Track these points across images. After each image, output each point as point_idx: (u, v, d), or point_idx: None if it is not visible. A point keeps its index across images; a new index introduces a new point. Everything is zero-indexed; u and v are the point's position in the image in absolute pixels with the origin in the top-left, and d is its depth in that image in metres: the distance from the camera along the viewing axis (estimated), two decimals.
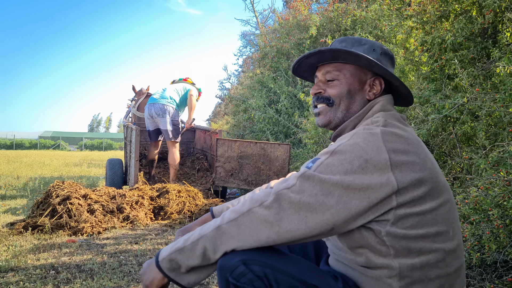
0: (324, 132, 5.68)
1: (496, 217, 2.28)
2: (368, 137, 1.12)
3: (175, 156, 6.03)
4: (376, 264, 1.12)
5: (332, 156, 1.12)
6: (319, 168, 1.11)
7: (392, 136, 1.13)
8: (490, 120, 2.90)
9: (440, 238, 1.12)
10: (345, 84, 1.31)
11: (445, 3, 3.60)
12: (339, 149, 1.12)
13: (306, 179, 1.09)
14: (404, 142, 1.13)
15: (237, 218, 1.12)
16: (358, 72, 1.31)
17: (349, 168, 1.07)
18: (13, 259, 3.01)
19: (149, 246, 3.47)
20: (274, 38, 10.02)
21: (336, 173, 1.08)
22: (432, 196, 1.11)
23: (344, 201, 1.06)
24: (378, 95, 1.32)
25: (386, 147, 1.10)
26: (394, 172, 1.07)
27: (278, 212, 1.08)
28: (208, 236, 1.13)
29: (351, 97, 1.31)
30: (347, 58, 1.30)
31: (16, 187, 7.62)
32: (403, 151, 1.11)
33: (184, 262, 1.14)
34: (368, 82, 1.32)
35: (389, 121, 1.21)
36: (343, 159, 1.09)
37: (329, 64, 1.34)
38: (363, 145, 1.10)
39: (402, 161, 1.09)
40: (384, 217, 1.08)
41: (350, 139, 1.14)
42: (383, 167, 1.07)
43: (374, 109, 1.29)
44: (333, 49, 1.27)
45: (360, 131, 1.16)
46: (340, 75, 1.32)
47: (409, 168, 1.09)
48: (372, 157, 1.08)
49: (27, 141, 44.97)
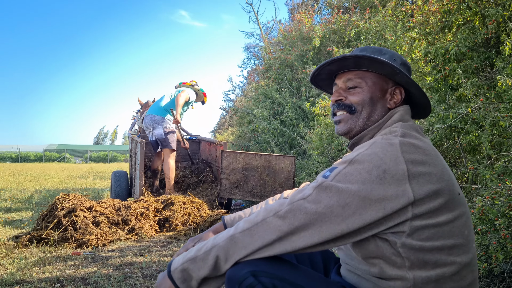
0: (329, 143, 5.68)
1: (502, 227, 2.27)
2: (387, 147, 1.11)
3: (169, 165, 5.97)
4: (391, 275, 1.11)
5: (350, 165, 1.11)
6: (337, 177, 1.10)
7: (410, 146, 1.13)
8: (494, 130, 2.89)
9: (455, 251, 1.11)
10: (367, 92, 1.30)
11: (448, 14, 3.62)
12: (358, 158, 1.11)
13: (323, 189, 1.09)
14: (422, 153, 1.13)
15: (250, 227, 1.12)
16: (380, 80, 1.31)
17: (367, 178, 1.07)
18: (18, 272, 3.01)
19: (154, 258, 3.46)
20: (278, 50, 10.09)
21: (354, 183, 1.07)
22: (448, 208, 1.10)
23: (360, 212, 1.05)
24: (398, 105, 1.32)
25: (404, 157, 1.09)
26: (411, 183, 1.06)
27: (292, 222, 1.08)
28: (221, 245, 1.13)
29: (373, 105, 1.30)
30: (370, 65, 1.29)
31: (21, 199, 7.65)
32: (421, 162, 1.10)
33: (195, 272, 1.13)
34: (389, 91, 1.31)
35: (407, 132, 1.20)
36: (362, 168, 1.09)
37: (350, 72, 1.33)
38: (381, 155, 1.09)
39: (419, 172, 1.08)
40: (399, 228, 1.08)
41: (368, 148, 1.13)
42: (400, 177, 1.06)
43: (393, 118, 1.28)
44: (358, 55, 1.26)
45: (378, 141, 1.15)
46: (362, 83, 1.31)
47: (426, 180, 1.08)
48: (390, 168, 1.07)
49: (32, 154, 45.21)
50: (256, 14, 20.92)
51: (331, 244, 1.09)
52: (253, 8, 20.89)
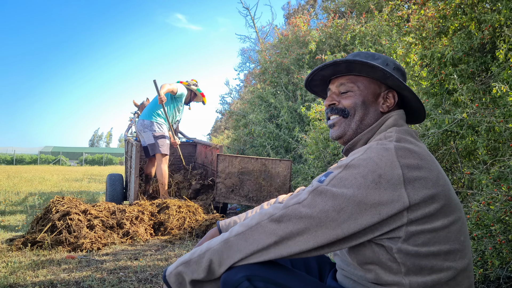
0: (325, 148, 5.68)
1: (498, 233, 2.27)
2: (382, 152, 1.12)
3: (161, 171, 5.90)
4: (387, 281, 1.11)
5: (345, 170, 1.11)
6: (332, 182, 1.10)
7: (405, 151, 1.13)
8: (490, 135, 2.90)
9: (451, 256, 1.10)
10: (359, 96, 1.31)
11: (444, 19, 3.63)
12: (353, 163, 1.11)
13: (318, 194, 1.09)
14: (418, 157, 1.13)
15: (245, 231, 1.11)
16: (372, 85, 1.32)
17: (363, 182, 1.07)
18: (11, 276, 2.99)
19: (149, 262, 3.44)
20: (274, 54, 10.11)
21: (349, 187, 1.07)
22: (444, 213, 1.10)
23: (355, 217, 1.05)
24: (392, 109, 1.32)
25: (400, 162, 1.09)
26: (406, 188, 1.06)
27: (287, 226, 1.07)
28: (215, 249, 1.12)
29: (366, 108, 1.31)
30: (361, 70, 1.30)
31: (16, 202, 7.60)
32: (416, 167, 1.10)
33: (188, 275, 1.13)
34: (382, 95, 1.32)
35: (402, 137, 1.20)
36: (357, 173, 1.09)
37: (343, 77, 1.35)
38: (377, 160, 1.09)
39: (415, 177, 1.08)
40: (395, 233, 1.07)
41: (363, 153, 1.13)
42: (396, 182, 1.06)
43: (387, 123, 1.28)
44: (349, 60, 1.28)
45: (373, 146, 1.15)
46: (354, 87, 1.32)
47: (421, 184, 1.08)
48: (385, 172, 1.07)
49: (27, 156, 44.98)
50: (253, 18, 20.94)
51: (326, 249, 1.09)
52: (250, 12, 20.91)
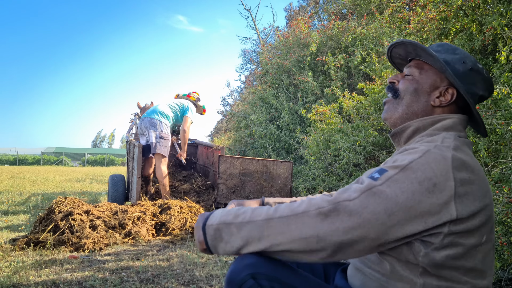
0: (326, 149, 5.68)
1: (500, 235, 2.27)
2: (440, 160, 1.07)
3: (161, 171, 5.91)
4: (401, 276, 1.09)
5: (403, 172, 1.06)
6: (387, 183, 1.05)
7: (461, 163, 1.09)
8: (491, 137, 2.91)
9: (471, 274, 1.08)
10: (415, 82, 1.30)
11: (445, 21, 3.64)
12: (412, 166, 1.07)
13: (372, 194, 1.04)
14: (471, 171, 1.09)
15: (289, 216, 1.06)
16: (435, 76, 1.29)
17: (418, 189, 1.03)
18: (14, 275, 3.00)
19: (151, 263, 3.45)
20: (275, 56, 10.12)
21: (404, 191, 1.03)
22: (480, 232, 1.08)
23: (402, 223, 1.02)
24: (445, 105, 1.27)
25: (454, 174, 1.05)
26: (456, 202, 1.03)
27: (333, 222, 1.03)
28: (257, 224, 1.09)
29: (416, 95, 1.29)
30: (426, 57, 1.29)
31: (19, 203, 7.62)
32: (468, 182, 1.07)
33: (224, 237, 1.11)
34: (440, 89, 1.27)
35: (460, 146, 1.16)
36: (414, 177, 1.04)
37: (414, 60, 1.35)
38: (434, 167, 1.05)
39: (465, 192, 1.05)
40: (431, 239, 1.05)
41: (422, 156, 1.09)
42: (448, 194, 1.03)
43: (444, 123, 1.24)
44: (413, 42, 1.28)
45: (432, 150, 1.11)
46: (416, 72, 1.31)
47: (470, 200, 1.05)
48: (440, 182, 1.03)
49: (30, 157, 45.06)
50: (254, 20, 20.97)
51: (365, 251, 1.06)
52: (251, 14, 20.94)
